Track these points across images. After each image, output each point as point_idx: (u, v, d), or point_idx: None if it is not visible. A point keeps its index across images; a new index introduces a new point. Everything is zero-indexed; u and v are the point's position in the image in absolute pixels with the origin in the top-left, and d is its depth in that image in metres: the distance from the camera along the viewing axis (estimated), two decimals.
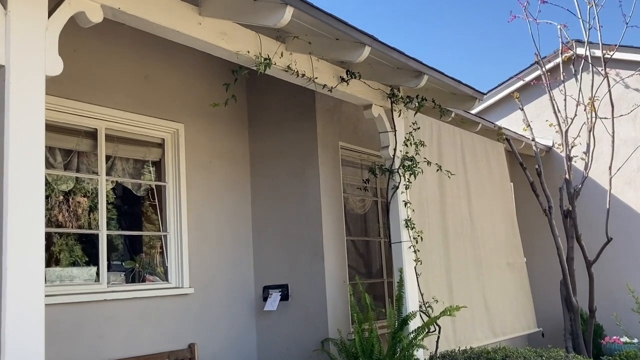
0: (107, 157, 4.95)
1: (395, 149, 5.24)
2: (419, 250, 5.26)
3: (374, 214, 6.60)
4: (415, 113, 5.48)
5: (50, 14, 2.89)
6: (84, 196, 5.40)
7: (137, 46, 5.12)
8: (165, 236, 5.30)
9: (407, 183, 5.28)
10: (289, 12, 3.45)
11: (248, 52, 3.95)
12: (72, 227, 5.37)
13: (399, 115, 5.33)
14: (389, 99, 5.26)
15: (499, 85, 9.54)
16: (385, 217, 5.38)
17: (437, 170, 5.74)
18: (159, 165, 5.43)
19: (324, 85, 4.60)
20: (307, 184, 5.68)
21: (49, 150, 4.62)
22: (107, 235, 4.80)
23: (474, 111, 7.34)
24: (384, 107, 5.26)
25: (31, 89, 2.71)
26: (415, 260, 5.21)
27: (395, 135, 5.26)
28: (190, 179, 5.43)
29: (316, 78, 4.50)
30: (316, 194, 5.61)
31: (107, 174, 4.94)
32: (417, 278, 5.22)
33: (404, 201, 5.24)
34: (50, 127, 4.57)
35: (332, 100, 5.79)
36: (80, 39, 4.57)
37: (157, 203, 5.43)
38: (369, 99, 5.09)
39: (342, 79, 4.75)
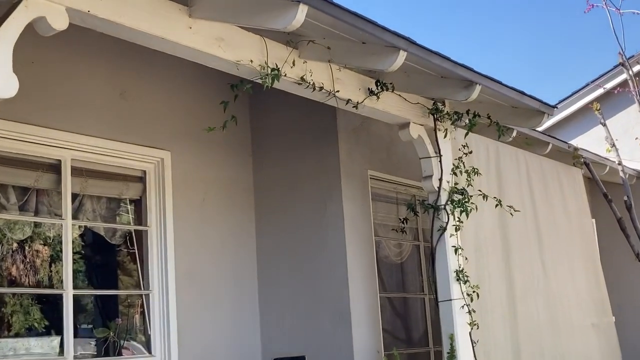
0: (74, 196, 4.99)
1: (440, 179, 5.21)
2: (474, 311, 5.17)
3: (414, 264, 6.54)
4: (467, 133, 5.45)
5: (1, 21, 2.94)
6: (45, 245, 5.43)
7: (111, 57, 5.19)
8: (147, 295, 5.29)
9: (458, 223, 5.23)
10: (302, 11, 3.47)
11: (251, 61, 3.97)
12: (28, 285, 5.39)
13: (445, 136, 5.31)
14: (431, 115, 5.24)
15: (573, 95, 9.50)
16: (430, 268, 5.31)
17: (497, 205, 5.68)
18: (139, 205, 5.45)
19: (348, 100, 4.60)
20: (328, 225, 5.66)
21: (0, 188, 4.66)
22: (74, 295, 4.80)
23: (541, 128, 7.28)
24: (425, 126, 5.24)
25: None
26: (470, 324, 5.12)
27: (440, 161, 5.23)
28: (179, 222, 5.44)
29: (337, 91, 4.51)
30: (340, 238, 5.59)
31: (74, 217, 4.96)
32: (473, 347, 5.12)
33: (453, 247, 5.19)
34: (1, 160, 4.62)
35: (358, 118, 5.79)
36: (40, 49, 4.65)
37: (137, 252, 5.44)
38: (405, 115, 5.08)
39: (371, 92, 4.75)
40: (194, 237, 5.56)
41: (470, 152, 5.52)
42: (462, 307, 5.10)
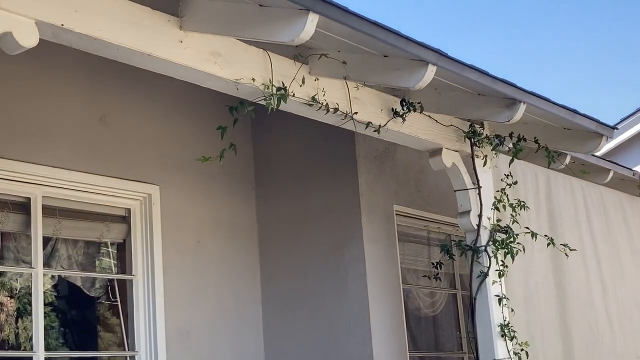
0: (46, 240, 5.01)
1: (480, 216, 5.20)
2: None
3: (451, 316, 6.50)
4: (511, 160, 5.44)
5: None
6: (11, 297, 5.44)
7: (89, 76, 5.26)
8: (133, 357, 5.29)
9: (502, 268, 5.20)
10: (311, 21, 3.50)
11: (253, 79, 4.00)
12: None
13: (485, 164, 5.31)
14: (467, 139, 5.25)
15: (637, 112, 9.46)
16: (470, 321, 5.27)
17: (549, 245, 5.64)
18: (122, 250, 5.47)
19: (368, 124, 4.62)
20: (346, 271, 5.66)
21: None
22: (46, 358, 4.80)
23: (600, 153, 7.25)
24: (460, 152, 5.25)
25: None
26: None
27: (479, 194, 5.23)
28: (169, 269, 5.45)
29: (355, 113, 4.52)
30: (361, 287, 5.58)
31: (46, 264, 4.98)
32: None
33: (497, 296, 5.15)
34: None
35: (381, 144, 5.80)
36: (3, 67, 4.71)
37: (120, 306, 5.44)
38: (437, 140, 5.09)
39: (396, 113, 4.77)
40: (187, 287, 5.56)
41: (515, 183, 5.50)
42: None
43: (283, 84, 4.12)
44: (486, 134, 5.33)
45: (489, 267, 5.14)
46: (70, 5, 3.28)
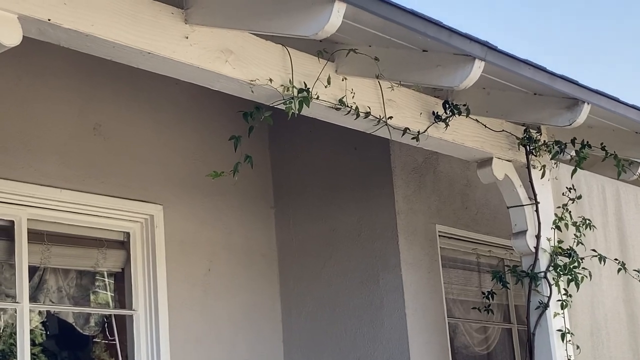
0: (33, 270, 5.02)
1: (538, 236, 5.17)
2: None
3: (506, 354, 6.46)
4: (574, 171, 5.42)
5: None
6: None
7: (81, 79, 5.28)
8: None
9: (565, 298, 5.16)
10: (338, 12, 3.48)
11: (270, 80, 3.99)
12: None
13: (543, 176, 5.28)
14: (522, 147, 5.23)
15: None
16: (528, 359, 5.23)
17: (620, 269, 5.59)
18: (121, 280, 5.47)
19: (405, 130, 4.60)
20: (382, 302, 5.63)
21: None
22: None
23: None
24: (513, 161, 5.22)
25: None
26: None
27: (537, 211, 5.20)
28: (175, 302, 5.45)
29: (390, 118, 4.51)
30: (399, 321, 5.55)
31: (32, 298, 4.99)
32: None
33: (559, 330, 5.12)
34: None
35: (420, 153, 5.79)
36: None
37: (118, 345, 5.44)
38: (486, 148, 5.06)
39: (437, 118, 4.75)
40: (196, 323, 5.56)
41: (579, 197, 5.47)
42: None
43: (305, 85, 4.11)
44: (544, 141, 5.30)
45: (549, 297, 5.10)
46: None
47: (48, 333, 5.79)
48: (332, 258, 5.91)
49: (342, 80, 4.33)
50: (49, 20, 3.25)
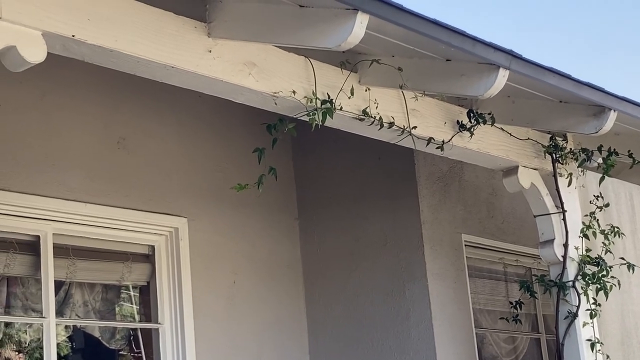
0: (58, 284, 5.05)
1: (566, 245, 5.15)
2: None
3: None
4: (602, 178, 5.39)
5: None
6: (19, 352, 5.50)
7: (105, 93, 5.31)
8: None
9: (594, 307, 5.14)
10: (361, 23, 3.50)
11: (293, 92, 4.02)
12: None
13: (570, 184, 5.27)
14: (548, 155, 5.22)
15: None
16: None
17: None
18: (146, 293, 5.50)
19: (430, 139, 4.60)
20: (408, 313, 5.63)
21: None
22: None
23: None
24: (540, 170, 5.21)
25: None
26: None
27: (564, 219, 5.18)
28: (201, 314, 5.47)
29: (414, 128, 4.52)
30: (426, 332, 5.54)
31: (59, 313, 5.02)
32: None
33: (589, 340, 5.10)
34: None
35: (445, 162, 5.78)
36: (7, 88, 4.78)
37: (144, 358, 5.47)
38: (511, 157, 5.06)
39: (462, 127, 4.75)
40: (222, 336, 5.57)
41: (607, 205, 5.46)
42: None
43: (328, 96, 4.13)
44: (570, 148, 5.30)
45: (578, 306, 5.08)
46: (81, 13, 3.33)
47: (74, 347, 5.83)
48: (357, 269, 5.91)
49: (366, 90, 4.35)
50: (73, 36, 3.30)
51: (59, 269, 5.04)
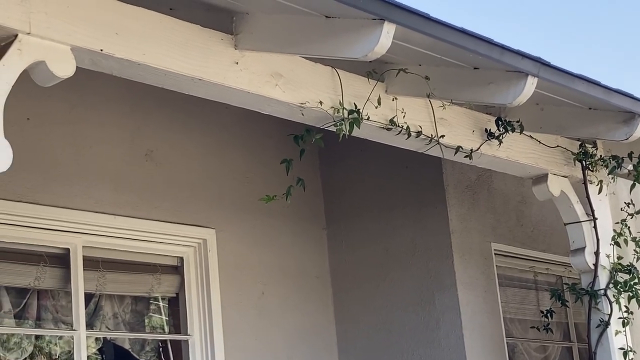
0: (88, 297, 5.09)
1: (597, 253, 5.13)
2: None
3: None
4: (633, 185, 5.36)
5: None
6: None
7: (132, 106, 5.36)
8: None
9: (626, 315, 5.12)
10: (387, 33, 3.51)
11: (320, 102, 4.03)
12: None
13: (600, 191, 5.25)
14: (578, 163, 5.21)
15: None
16: None
17: None
18: (175, 305, 5.53)
19: (458, 148, 4.61)
20: (438, 323, 5.64)
21: None
22: None
23: None
24: (569, 177, 5.20)
25: None
26: None
27: (595, 227, 5.16)
28: (230, 326, 5.49)
29: (442, 136, 4.52)
30: (456, 342, 5.54)
31: (89, 325, 5.06)
32: None
33: (621, 349, 5.08)
34: None
35: (473, 171, 5.78)
36: (36, 101, 4.81)
37: None
38: (541, 164, 5.05)
39: (490, 135, 4.75)
40: (251, 347, 5.59)
41: (639, 212, 5.42)
42: None
43: (355, 106, 4.14)
44: (600, 155, 5.28)
45: (610, 315, 5.06)
46: (109, 28, 3.36)
47: (104, 359, 5.85)
48: (386, 279, 5.91)
49: (393, 100, 4.35)
50: (101, 50, 3.33)
51: (89, 282, 5.07)
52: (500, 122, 4.76)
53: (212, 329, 5.42)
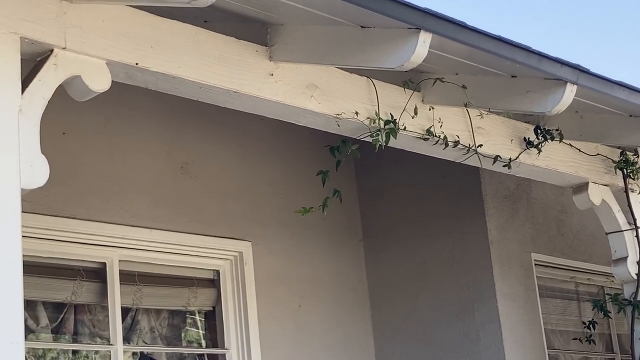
0: (125, 311, 5.12)
1: None
2: None
3: None
4: None
5: (25, 85, 3.09)
6: None
7: (167, 119, 5.40)
8: None
9: None
10: (424, 42, 3.50)
11: (356, 113, 4.03)
12: None
13: None
14: (619, 171, 5.16)
15: None
16: None
17: None
18: (212, 318, 5.54)
19: (496, 157, 4.58)
20: (477, 335, 5.61)
21: (27, 305, 4.83)
22: None
23: None
24: (611, 185, 5.16)
25: None
26: None
27: (637, 235, 5.11)
28: (267, 339, 5.49)
29: (480, 146, 4.50)
30: (497, 354, 5.51)
31: (126, 339, 5.08)
32: None
33: None
34: (28, 268, 4.78)
35: (512, 180, 5.75)
36: (72, 115, 4.85)
37: None
38: (581, 173, 5.02)
39: (529, 144, 4.72)
40: (289, 359, 5.58)
41: None
42: None
43: (392, 116, 4.13)
44: None
45: None
46: (144, 41, 3.38)
47: None
48: (425, 290, 5.89)
49: (429, 109, 4.34)
50: (136, 64, 3.35)
51: (126, 296, 5.10)
52: (539, 131, 4.74)
53: (249, 342, 5.43)
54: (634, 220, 5.12)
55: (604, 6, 25.87)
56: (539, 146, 4.73)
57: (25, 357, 4.82)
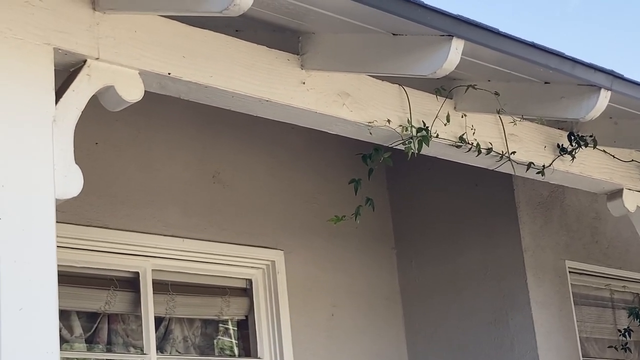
0: (158, 320, 5.14)
1: None
2: None
3: None
4: None
5: (58, 96, 3.12)
6: None
7: (199, 128, 5.42)
8: None
9: None
10: (456, 49, 3.49)
11: (388, 121, 4.02)
12: None
13: None
14: None
15: None
16: None
17: None
18: (244, 327, 5.55)
19: (529, 164, 4.56)
20: (512, 344, 5.58)
21: (61, 315, 4.85)
22: None
23: None
24: None
25: (33, 230, 2.89)
26: None
27: None
28: (300, 348, 5.49)
29: (513, 153, 4.48)
30: None
31: (159, 348, 5.10)
32: None
33: None
34: (62, 278, 4.81)
35: (545, 187, 5.71)
36: (104, 126, 4.90)
37: None
38: (615, 180, 4.98)
39: (563, 150, 4.69)
40: None
41: None
42: None
43: (424, 124, 4.13)
44: None
45: None
46: (177, 51, 3.40)
47: None
48: (458, 299, 5.87)
49: (462, 117, 4.33)
50: (169, 74, 3.36)
51: (159, 305, 5.12)
52: (572, 137, 4.71)
53: (282, 351, 5.43)
54: None
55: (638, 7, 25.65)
56: (573, 153, 4.70)
57: None
